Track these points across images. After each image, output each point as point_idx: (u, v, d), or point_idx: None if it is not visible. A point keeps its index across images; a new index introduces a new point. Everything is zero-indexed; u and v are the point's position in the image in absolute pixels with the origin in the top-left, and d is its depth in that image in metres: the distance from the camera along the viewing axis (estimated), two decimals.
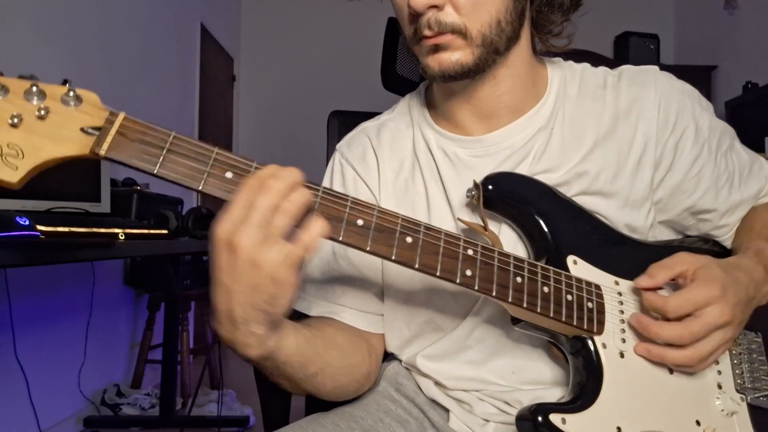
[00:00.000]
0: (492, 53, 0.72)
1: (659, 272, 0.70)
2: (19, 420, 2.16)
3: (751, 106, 3.55)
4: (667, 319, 0.68)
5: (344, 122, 1.26)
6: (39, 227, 1.33)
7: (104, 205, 2.04)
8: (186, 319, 2.94)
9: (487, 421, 0.78)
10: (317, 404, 0.91)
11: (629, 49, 4.41)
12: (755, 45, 3.85)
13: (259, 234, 0.54)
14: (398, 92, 1.15)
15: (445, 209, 0.79)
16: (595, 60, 0.87)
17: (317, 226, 0.57)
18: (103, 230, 1.64)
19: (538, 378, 0.77)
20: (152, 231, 1.94)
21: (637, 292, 0.74)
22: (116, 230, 1.69)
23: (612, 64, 0.87)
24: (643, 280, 0.71)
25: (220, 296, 0.57)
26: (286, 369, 0.66)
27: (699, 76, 4.18)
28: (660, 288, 0.71)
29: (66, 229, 1.47)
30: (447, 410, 0.82)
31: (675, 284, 0.71)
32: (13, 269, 1.98)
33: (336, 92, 4.77)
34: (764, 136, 3.16)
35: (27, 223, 1.30)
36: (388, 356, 0.89)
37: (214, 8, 4.39)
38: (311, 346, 0.69)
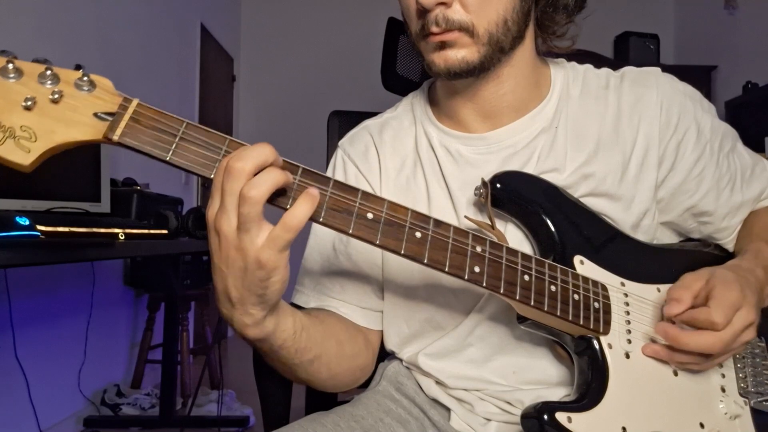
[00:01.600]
0: (497, 52, 0.72)
1: (682, 294, 0.69)
2: (19, 420, 2.16)
3: (751, 106, 3.56)
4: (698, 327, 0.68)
5: (344, 122, 1.26)
6: (39, 227, 1.33)
7: (104, 205, 2.04)
8: (186, 319, 2.93)
9: (489, 420, 0.78)
10: (317, 404, 0.91)
11: (629, 49, 4.42)
12: (755, 45, 3.85)
13: (236, 219, 0.54)
14: (398, 92, 1.15)
15: (447, 206, 0.79)
16: (596, 60, 0.87)
17: (301, 208, 0.55)
18: (103, 230, 1.64)
19: (540, 377, 0.77)
20: (152, 231, 1.93)
21: (643, 294, 0.74)
22: (116, 230, 1.69)
23: (612, 64, 0.87)
24: (674, 308, 0.69)
25: (216, 276, 0.58)
26: (281, 353, 0.67)
27: (699, 76, 4.18)
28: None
29: (66, 229, 1.47)
30: (448, 409, 0.82)
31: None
32: (13, 269, 1.97)
33: (336, 92, 4.77)
34: (764, 136, 3.17)
35: (27, 223, 1.29)
36: (388, 355, 0.89)
37: (214, 8, 4.38)
38: (308, 333, 0.70)
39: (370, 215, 0.60)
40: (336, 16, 4.90)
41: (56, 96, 0.53)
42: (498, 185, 0.73)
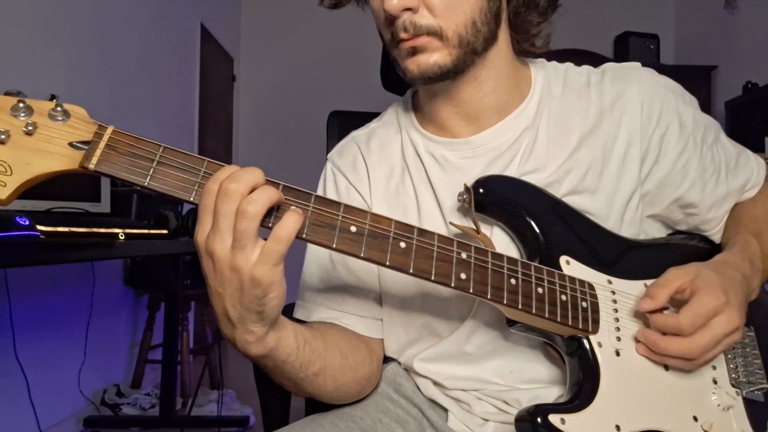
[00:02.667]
0: (470, 54, 0.72)
1: (659, 292, 0.70)
2: (19, 420, 2.16)
3: (751, 106, 3.55)
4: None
5: (344, 122, 1.27)
6: (39, 227, 1.34)
7: (104, 205, 2.05)
8: (186, 319, 2.94)
9: (486, 420, 0.79)
10: (317, 404, 0.91)
11: (629, 49, 4.41)
12: (755, 45, 3.85)
13: (230, 239, 0.54)
14: (398, 92, 1.15)
15: (435, 212, 0.79)
16: (595, 60, 0.88)
17: (290, 219, 0.56)
18: (103, 230, 1.64)
19: (537, 377, 0.77)
20: (152, 231, 1.94)
21: (630, 290, 0.74)
22: (116, 230, 1.70)
23: None
24: (646, 304, 0.70)
25: (214, 299, 0.59)
26: (285, 368, 0.67)
27: (699, 76, 4.17)
28: (665, 308, 0.71)
29: (66, 229, 1.47)
30: (446, 410, 0.82)
31: (674, 300, 0.71)
32: (13, 269, 1.98)
33: (336, 92, 4.77)
34: (764, 136, 3.16)
35: (27, 223, 1.30)
36: (387, 359, 0.89)
37: (214, 8, 4.38)
38: (311, 346, 0.70)
39: (353, 228, 0.60)
40: (336, 16, 4.86)
41: (30, 128, 0.53)
42: (481, 190, 0.73)
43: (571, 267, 0.72)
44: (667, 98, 0.78)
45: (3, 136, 0.52)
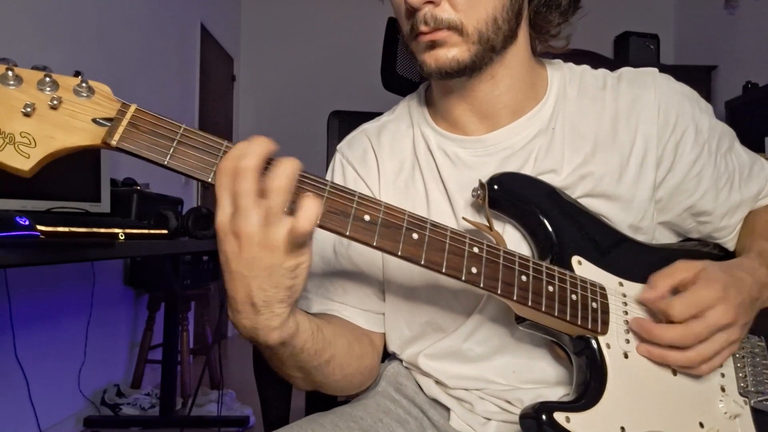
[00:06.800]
0: (488, 51, 0.72)
1: (660, 282, 0.70)
2: (19, 420, 2.16)
3: (751, 106, 3.55)
4: (671, 322, 0.68)
5: (344, 122, 1.26)
6: (39, 227, 1.33)
7: (104, 205, 2.04)
8: (186, 319, 2.94)
9: (488, 419, 0.79)
10: (317, 404, 0.91)
11: (629, 49, 4.42)
12: (755, 45, 3.85)
13: (256, 217, 0.53)
14: (398, 92, 1.15)
15: (446, 209, 0.79)
16: (596, 60, 0.87)
17: (311, 206, 0.55)
18: (103, 230, 1.64)
19: (540, 377, 0.77)
20: (152, 231, 1.93)
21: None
22: (116, 230, 1.69)
23: (612, 64, 0.87)
24: (647, 293, 0.70)
25: (236, 285, 0.57)
26: (302, 356, 0.66)
27: (699, 76, 4.18)
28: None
29: (66, 229, 1.47)
30: (448, 409, 0.82)
31: (677, 292, 0.70)
32: (13, 269, 1.98)
33: (336, 92, 4.77)
34: (764, 136, 3.16)
35: (27, 223, 1.29)
36: (387, 356, 0.89)
37: (214, 8, 4.39)
38: (322, 333, 0.70)
39: (367, 217, 0.60)
40: (336, 16, 4.90)
41: (55, 102, 0.54)
42: (495, 187, 0.73)
43: (582, 268, 0.72)
44: (683, 105, 0.78)
45: (29, 109, 0.53)
